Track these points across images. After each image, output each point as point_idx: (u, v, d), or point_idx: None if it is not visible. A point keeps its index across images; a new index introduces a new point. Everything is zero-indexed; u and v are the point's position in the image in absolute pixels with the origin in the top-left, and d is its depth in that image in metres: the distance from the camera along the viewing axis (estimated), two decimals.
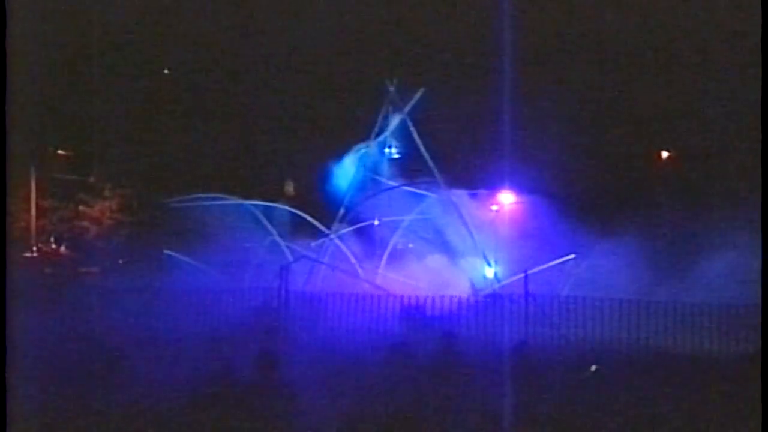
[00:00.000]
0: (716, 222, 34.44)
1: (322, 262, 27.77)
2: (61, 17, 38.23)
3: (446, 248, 28.08)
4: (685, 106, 38.94)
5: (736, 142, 35.76)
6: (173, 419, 12.96)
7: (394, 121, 29.74)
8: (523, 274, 24.04)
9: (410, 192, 28.98)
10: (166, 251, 28.28)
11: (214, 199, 29.26)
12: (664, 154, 42.42)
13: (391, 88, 29.66)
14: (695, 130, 39.16)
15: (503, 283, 27.00)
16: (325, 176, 30.62)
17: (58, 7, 37.92)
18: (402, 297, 24.00)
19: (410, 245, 29.36)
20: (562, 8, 39.30)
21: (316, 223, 29.45)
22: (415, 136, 28.89)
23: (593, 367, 16.60)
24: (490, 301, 25.00)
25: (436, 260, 27.64)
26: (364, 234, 29.18)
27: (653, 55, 39.63)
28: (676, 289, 24.35)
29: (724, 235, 33.59)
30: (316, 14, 40.81)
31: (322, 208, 29.83)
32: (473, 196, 29.73)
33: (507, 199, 31.77)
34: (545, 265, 26.09)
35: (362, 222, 29.24)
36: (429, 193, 28.72)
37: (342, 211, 29.01)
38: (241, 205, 29.48)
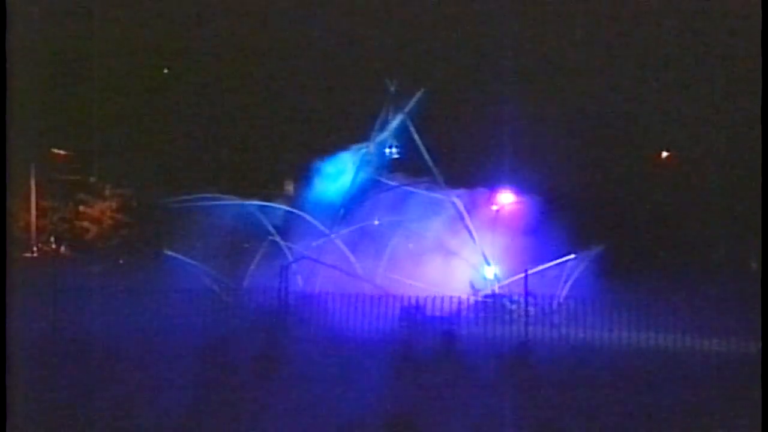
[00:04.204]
0: (716, 222, 34.46)
1: (322, 262, 27.72)
2: (61, 17, 38.21)
3: (446, 248, 28.04)
4: (685, 107, 38.91)
5: (736, 143, 35.75)
6: (173, 419, 12.97)
7: (394, 121, 29.70)
8: (523, 274, 24.01)
9: (410, 192, 28.95)
10: (166, 251, 28.23)
11: (214, 199, 29.22)
12: (664, 155, 42.38)
13: (391, 88, 29.65)
14: (696, 131, 39.13)
15: (503, 283, 27.01)
16: (325, 176, 30.57)
17: (58, 7, 37.91)
18: (402, 297, 23.95)
19: (410, 245, 29.30)
20: (562, 9, 39.27)
21: (316, 223, 29.43)
22: (415, 136, 28.85)
23: None
24: (490, 301, 25.01)
25: (436, 260, 27.59)
26: (364, 234, 29.13)
27: (653, 56, 39.59)
28: (675, 288, 24.32)
29: (724, 235, 33.62)
30: (316, 15, 40.79)
31: (322, 208, 29.77)
32: (473, 196, 29.68)
33: (507, 199, 31.71)
34: (545, 265, 26.08)
35: (362, 222, 29.21)
36: (429, 193, 28.69)
37: (342, 211, 28.97)
38: (241, 205, 29.45)
